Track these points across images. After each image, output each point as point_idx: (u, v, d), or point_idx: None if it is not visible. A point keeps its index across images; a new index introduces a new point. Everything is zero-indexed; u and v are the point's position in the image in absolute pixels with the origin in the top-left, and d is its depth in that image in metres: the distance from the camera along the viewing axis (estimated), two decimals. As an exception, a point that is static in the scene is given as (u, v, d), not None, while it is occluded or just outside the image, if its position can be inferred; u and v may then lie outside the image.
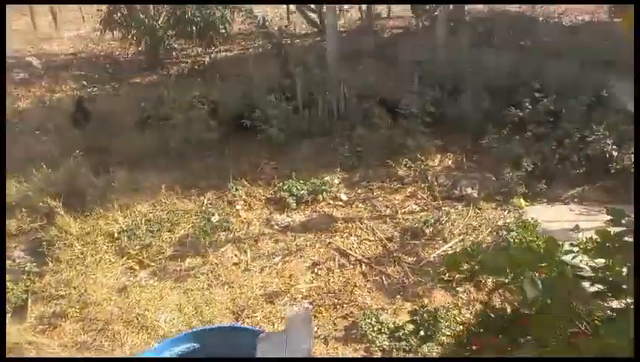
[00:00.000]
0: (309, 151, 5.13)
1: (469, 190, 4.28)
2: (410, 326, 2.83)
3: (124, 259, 3.76)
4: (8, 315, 3.24)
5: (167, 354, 1.76)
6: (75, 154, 4.70)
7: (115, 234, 3.99)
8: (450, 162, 4.80)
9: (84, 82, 7.67)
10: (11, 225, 4.13)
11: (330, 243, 3.81)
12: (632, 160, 3.95)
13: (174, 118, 5.48)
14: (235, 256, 3.77)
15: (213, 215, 4.19)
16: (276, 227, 4.07)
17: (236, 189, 4.51)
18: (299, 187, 4.44)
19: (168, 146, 5.25)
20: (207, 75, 7.40)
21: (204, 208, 4.31)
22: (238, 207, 4.33)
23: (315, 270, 3.56)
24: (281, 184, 4.50)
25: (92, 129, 5.83)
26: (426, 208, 4.15)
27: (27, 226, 4.09)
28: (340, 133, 5.14)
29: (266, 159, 5.10)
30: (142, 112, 5.88)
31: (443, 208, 4.09)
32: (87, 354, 2.93)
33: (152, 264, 3.67)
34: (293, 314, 1.80)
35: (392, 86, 5.52)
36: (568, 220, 3.78)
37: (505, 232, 3.67)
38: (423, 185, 4.41)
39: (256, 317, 3.15)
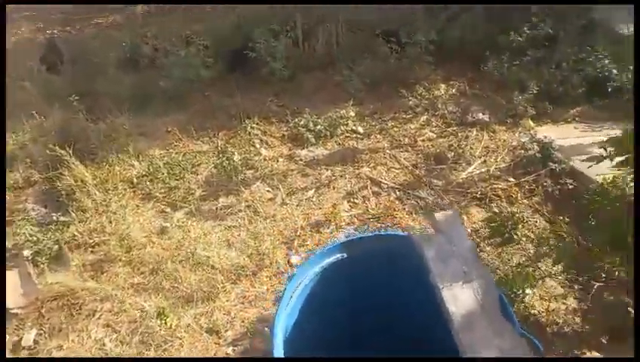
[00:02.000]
0: (314, 86, 5.06)
1: (481, 115, 4.43)
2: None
3: (152, 202, 3.65)
4: (45, 265, 3.11)
5: (317, 268, 1.80)
6: (69, 99, 4.33)
7: (134, 180, 3.84)
8: (454, 90, 4.89)
9: (40, 24, 6.97)
10: (16, 177, 3.86)
11: (359, 173, 3.88)
12: (630, 78, 4.22)
13: (164, 56, 5.18)
14: (268, 191, 3.76)
15: (233, 154, 4.10)
16: (301, 162, 4.06)
17: (251, 127, 4.41)
18: (315, 122, 4.41)
19: (160, 87, 4.97)
20: (178, 11, 6.94)
21: (220, 148, 4.20)
22: (257, 145, 4.26)
23: (351, 199, 3.64)
24: (296, 120, 4.45)
25: (69, 72, 5.39)
26: (442, 135, 4.27)
27: (35, 178, 3.83)
28: (344, 66, 5.06)
29: (270, 96, 4.97)
30: (123, 52, 5.49)
31: (459, 134, 4.24)
32: (145, 296, 2.90)
33: (185, 205, 3.59)
34: (441, 215, 1.84)
35: (395, 16, 5.43)
36: (575, 137, 4.05)
37: (523, 152, 3.89)
38: (434, 114, 4.51)
39: (308, 245, 3.23)
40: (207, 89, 5.03)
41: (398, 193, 3.66)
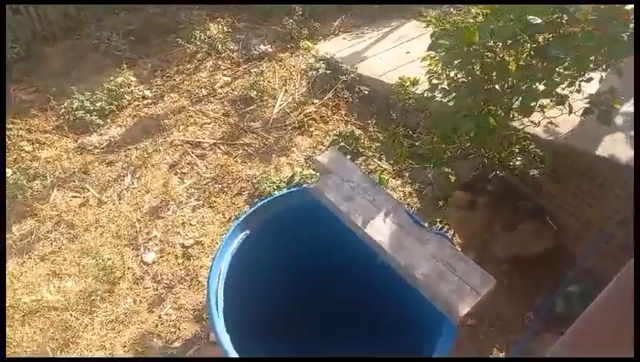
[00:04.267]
0: (68, 58, 4.19)
1: (262, 46, 4.46)
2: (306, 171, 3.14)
3: None
4: None
5: (229, 256, 1.57)
6: None
7: None
8: (225, 27, 4.72)
9: None
10: None
11: (172, 141, 3.53)
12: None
13: None
14: (75, 197, 3.11)
15: (-1, 170, 3.19)
16: (97, 150, 3.44)
17: (7, 129, 3.45)
18: (91, 100, 3.72)
19: None
20: None
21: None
22: (27, 148, 3.39)
23: (178, 170, 3.33)
24: (66, 104, 3.66)
25: None
26: (237, 76, 4.17)
27: None
28: (94, 26, 4.31)
29: (13, 84, 3.93)
30: None
31: (252, 70, 4.21)
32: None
33: (-35, 256, 2.70)
34: (323, 157, 1.75)
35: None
36: (348, 47, 4.50)
37: (314, 72, 4.14)
38: (219, 56, 4.33)
39: (155, 235, 2.88)
40: None
41: (222, 148, 3.51)
